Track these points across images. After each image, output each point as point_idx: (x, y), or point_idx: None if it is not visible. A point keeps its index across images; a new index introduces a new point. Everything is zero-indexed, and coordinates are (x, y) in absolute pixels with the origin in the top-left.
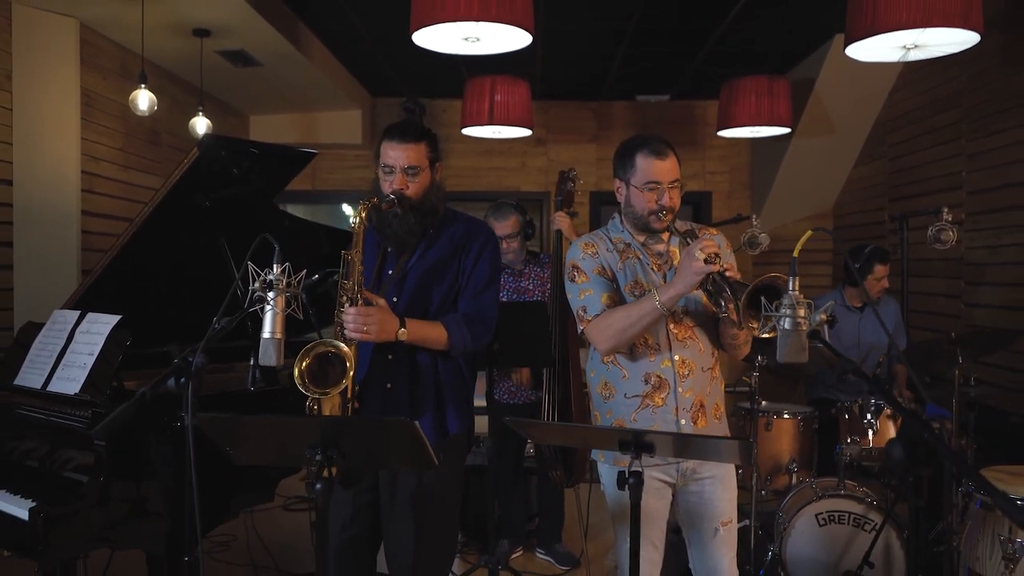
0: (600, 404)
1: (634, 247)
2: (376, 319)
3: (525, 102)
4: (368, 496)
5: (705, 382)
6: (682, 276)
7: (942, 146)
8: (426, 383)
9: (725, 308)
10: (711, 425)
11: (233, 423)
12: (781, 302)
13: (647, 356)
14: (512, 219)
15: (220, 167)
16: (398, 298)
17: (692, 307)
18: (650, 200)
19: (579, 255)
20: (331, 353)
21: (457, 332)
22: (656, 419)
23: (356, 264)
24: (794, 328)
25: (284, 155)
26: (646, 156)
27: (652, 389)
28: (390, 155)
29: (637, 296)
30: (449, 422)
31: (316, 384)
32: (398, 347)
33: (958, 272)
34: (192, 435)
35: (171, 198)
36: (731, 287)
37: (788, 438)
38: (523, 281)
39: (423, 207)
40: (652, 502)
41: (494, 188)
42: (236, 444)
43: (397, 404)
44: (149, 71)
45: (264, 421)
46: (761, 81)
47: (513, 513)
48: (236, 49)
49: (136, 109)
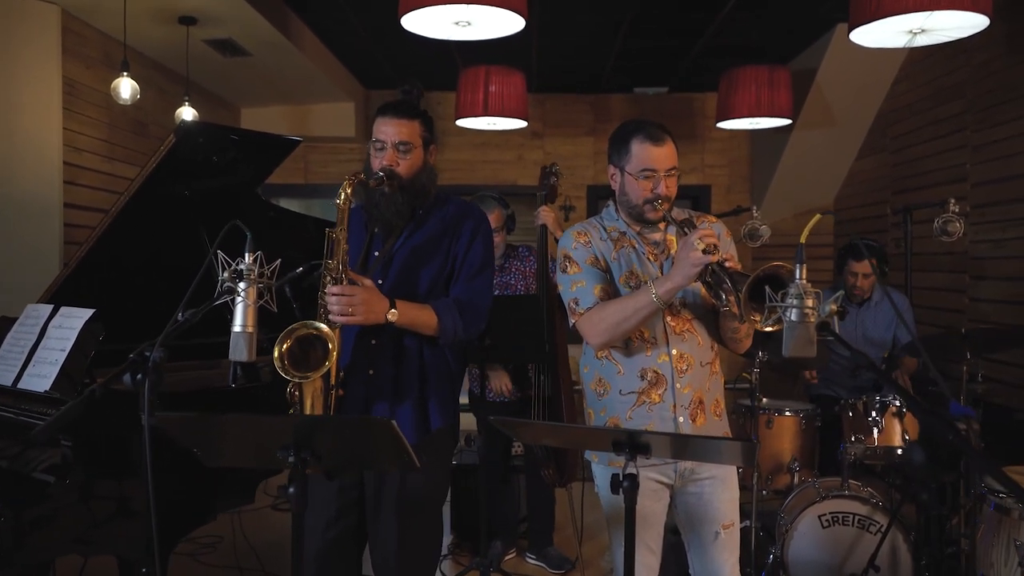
0: (594, 401)
1: (629, 236)
2: (362, 299)
3: (520, 93)
4: (353, 493)
5: (704, 377)
6: (679, 268)
7: (946, 138)
8: (410, 371)
9: (726, 301)
10: (710, 423)
11: (196, 422)
12: (787, 292)
13: (643, 351)
14: (496, 212)
15: (199, 155)
16: (383, 281)
17: (690, 299)
18: (645, 188)
19: (571, 244)
20: (313, 335)
21: (448, 317)
22: (653, 417)
23: (341, 242)
24: (801, 320)
25: (267, 142)
26: (642, 142)
27: (649, 385)
28: (382, 130)
29: (632, 288)
30: (432, 416)
31: (297, 368)
32: (383, 331)
33: (962, 266)
34: (150, 436)
35: (148, 187)
36: (731, 278)
37: (789, 436)
38: (505, 276)
39: (413, 187)
40: (648, 504)
41: (490, 182)
42: (203, 445)
43: (379, 391)
44: (134, 60)
45: (229, 420)
46: (761, 71)
47: (505, 513)
48: (224, 38)
49: (118, 97)
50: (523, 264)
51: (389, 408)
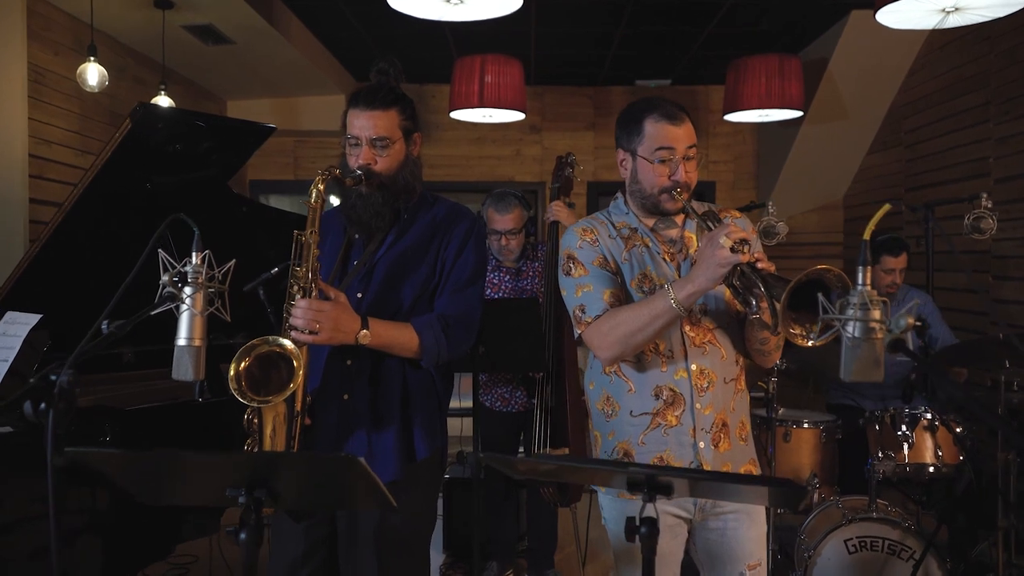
0: (601, 423)
1: (641, 233)
2: (330, 316)
3: (517, 83)
4: (323, 530)
5: (728, 396)
6: (703, 268)
7: (967, 130)
8: (390, 395)
9: (757, 308)
10: (735, 448)
11: (114, 460)
12: (847, 301)
13: (658, 365)
14: (516, 212)
15: (161, 142)
16: (363, 294)
17: (712, 305)
18: (661, 174)
19: (576, 243)
20: (275, 353)
21: (430, 337)
22: (669, 442)
23: (311, 246)
24: (866, 336)
25: (237, 129)
26: (656, 120)
27: (664, 405)
28: (355, 124)
29: (646, 292)
30: (417, 443)
31: (255, 390)
32: (360, 351)
33: (984, 265)
34: (54, 477)
35: (104, 179)
36: (765, 282)
37: (809, 450)
38: (522, 280)
39: (394, 185)
40: (664, 543)
41: (487, 178)
42: (136, 483)
43: (355, 419)
44: (108, 46)
45: (161, 457)
46: (771, 60)
47: (502, 531)
48: (203, 24)
49: (85, 84)
50: (541, 265)
51: (367, 437)
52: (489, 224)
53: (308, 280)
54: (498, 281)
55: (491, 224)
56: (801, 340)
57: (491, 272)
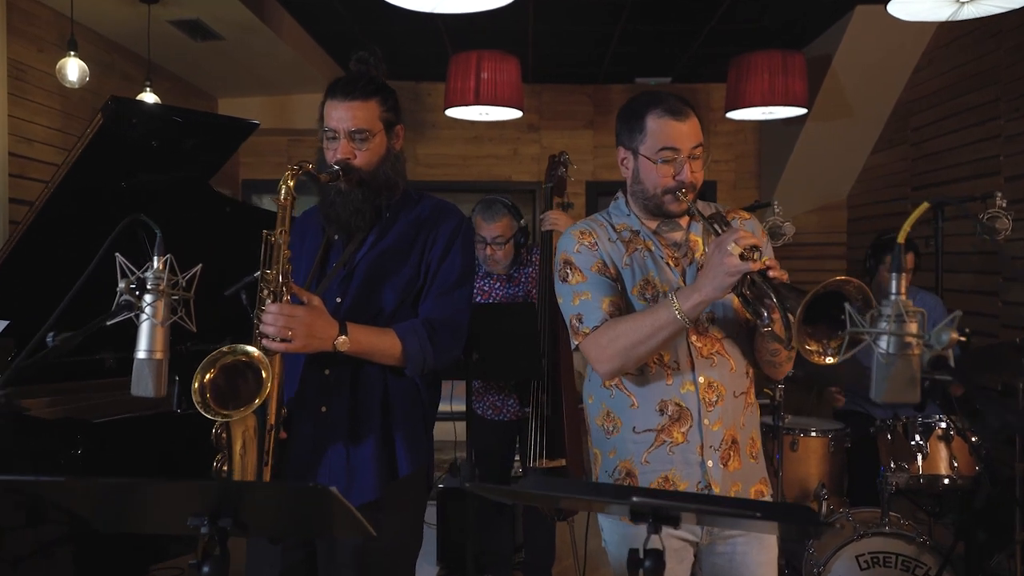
0: (601, 440)
1: (643, 236)
2: (303, 321)
3: (514, 80)
4: (301, 552)
5: (737, 411)
6: (710, 276)
7: (975, 128)
8: (371, 405)
9: (768, 320)
10: (745, 466)
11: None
12: (879, 313)
13: (663, 378)
14: (504, 220)
15: (136, 139)
16: (342, 298)
17: (720, 313)
18: (665, 174)
19: (573, 247)
20: (242, 362)
21: (415, 343)
22: (675, 460)
23: (282, 247)
24: (902, 352)
25: (217, 125)
26: (660, 116)
27: (670, 421)
28: (333, 116)
29: (649, 300)
30: (399, 459)
31: (222, 403)
32: (338, 360)
33: (994, 266)
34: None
35: (75, 178)
36: (777, 293)
37: (816, 459)
38: (514, 287)
39: (375, 181)
40: (670, 567)
41: (484, 178)
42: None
43: (333, 432)
44: (93, 42)
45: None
46: (775, 56)
47: (498, 543)
48: (191, 19)
49: (64, 80)
50: (536, 270)
51: (345, 452)
52: (476, 230)
53: (279, 284)
54: (489, 288)
55: (478, 230)
56: (817, 357)
57: (481, 279)
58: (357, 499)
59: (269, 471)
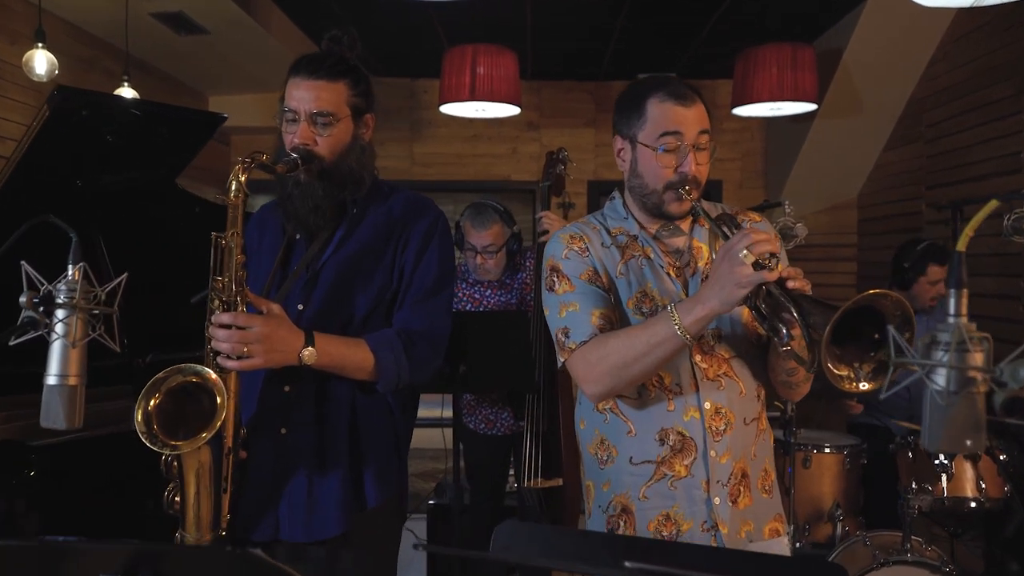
0: (594, 471)
1: (642, 241)
2: (260, 333)
3: (512, 75)
4: None
5: (748, 440)
6: (717, 288)
7: (995, 123)
8: (337, 427)
9: (787, 338)
10: (757, 502)
11: None
12: (934, 341)
13: (663, 403)
14: (495, 227)
15: (89, 133)
16: (305, 305)
17: (728, 329)
18: (666, 165)
19: (561, 252)
20: (192, 384)
21: (388, 356)
22: (677, 496)
23: (234, 252)
24: (963, 388)
25: (180, 118)
26: (662, 100)
27: (671, 452)
28: (294, 96)
29: (646, 314)
30: (368, 488)
31: (171, 432)
32: (301, 375)
33: (1015, 269)
34: None
35: (21, 176)
36: (799, 307)
37: (831, 477)
38: (507, 294)
39: (338, 173)
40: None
41: (481, 177)
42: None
43: (294, 457)
44: (72, 36)
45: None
46: (784, 50)
47: (490, 563)
48: (173, 12)
49: (31, 73)
50: (530, 276)
51: (307, 480)
52: (465, 237)
53: (232, 292)
54: (480, 296)
55: (467, 238)
56: (848, 384)
57: (471, 286)
58: (319, 533)
59: (228, 499)
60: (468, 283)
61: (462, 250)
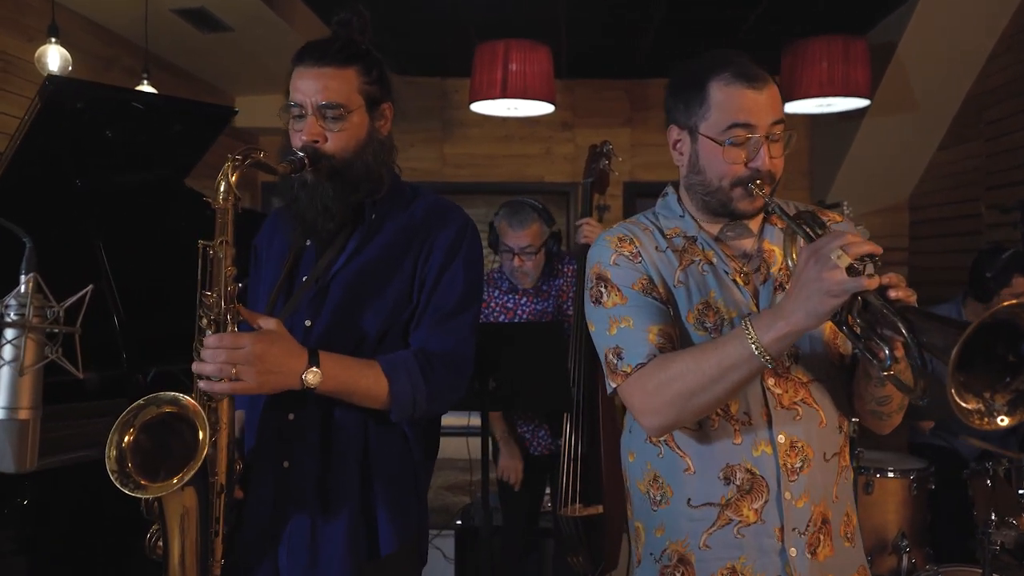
0: (645, 512)
1: (702, 243)
2: (252, 353)
3: (546, 71)
4: None
5: (829, 479)
6: (803, 297)
7: None
8: (346, 462)
9: (889, 360)
10: (839, 553)
11: None
12: None
13: (729, 436)
14: (534, 227)
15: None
16: (313, 322)
17: (807, 348)
18: (735, 160)
19: (609, 257)
20: (170, 415)
21: (404, 381)
22: (745, 545)
23: (223, 262)
24: None
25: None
26: (728, 83)
27: (738, 494)
28: (299, 87)
29: (710, 330)
30: (382, 532)
31: (148, 473)
32: (306, 401)
33: None
34: None
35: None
36: (907, 323)
37: (895, 504)
38: (543, 302)
39: (352, 172)
40: None
41: (514, 179)
42: None
43: (297, 496)
44: (92, 34)
45: None
46: (835, 42)
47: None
48: (195, 8)
49: (44, 69)
50: (567, 282)
51: (310, 522)
52: (501, 239)
53: (221, 309)
54: (513, 305)
55: (503, 239)
56: (979, 419)
57: (504, 295)
58: None
59: (220, 542)
60: (501, 291)
61: (497, 252)
